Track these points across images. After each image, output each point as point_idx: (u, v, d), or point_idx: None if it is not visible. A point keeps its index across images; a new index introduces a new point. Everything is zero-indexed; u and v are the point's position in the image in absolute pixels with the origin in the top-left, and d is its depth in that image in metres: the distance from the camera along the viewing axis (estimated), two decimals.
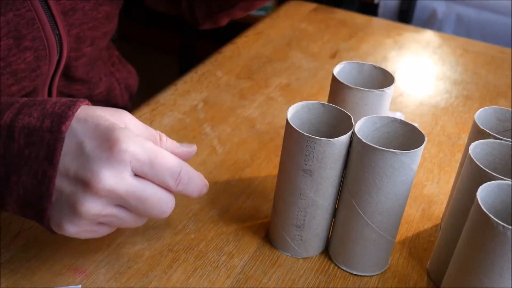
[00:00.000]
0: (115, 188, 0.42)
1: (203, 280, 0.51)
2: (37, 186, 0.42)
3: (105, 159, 0.41)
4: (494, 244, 0.41)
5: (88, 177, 0.41)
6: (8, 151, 0.42)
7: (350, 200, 0.50)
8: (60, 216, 0.43)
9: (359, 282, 0.53)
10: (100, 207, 0.43)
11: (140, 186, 0.43)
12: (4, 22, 0.53)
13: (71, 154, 0.42)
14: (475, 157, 0.49)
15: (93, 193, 0.42)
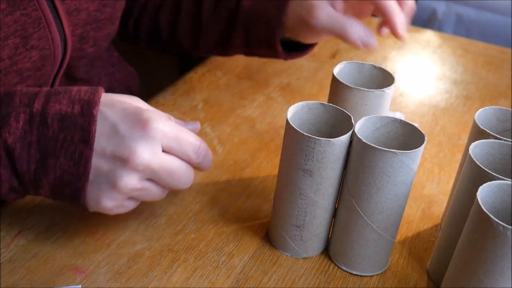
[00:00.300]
0: (151, 163, 0.46)
1: (203, 280, 0.51)
2: (74, 167, 0.46)
3: (139, 137, 0.46)
4: (494, 244, 0.41)
5: (126, 154, 0.46)
6: (43, 137, 0.45)
7: (350, 200, 0.50)
8: (98, 193, 0.47)
9: (359, 282, 0.53)
10: (137, 181, 0.47)
11: (169, 160, 0.48)
12: (11, 21, 0.53)
13: (105, 135, 0.46)
14: (475, 157, 0.49)
15: (131, 168, 0.46)
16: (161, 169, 0.48)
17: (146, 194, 0.49)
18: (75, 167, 0.46)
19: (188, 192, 0.61)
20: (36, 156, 0.46)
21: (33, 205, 0.57)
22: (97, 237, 0.54)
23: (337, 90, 0.57)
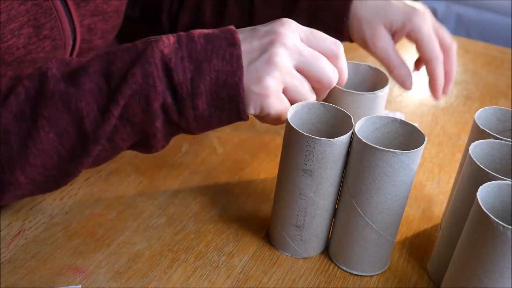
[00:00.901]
0: (296, 42, 0.50)
1: (203, 280, 0.51)
2: (228, 65, 0.48)
3: (280, 25, 0.51)
4: (494, 244, 0.41)
5: (273, 36, 0.50)
6: (193, 50, 0.48)
7: (350, 200, 0.50)
8: (257, 75, 0.49)
9: (359, 282, 0.53)
10: (288, 59, 0.50)
11: (312, 49, 0.51)
12: (24, 11, 0.55)
13: (248, 36, 0.50)
14: (475, 157, 0.49)
15: (281, 44, 0.49)
16: (307, 52, 0.50)
17: (298, 85, 0.51)
18: (229, 65, 0.48)
19: (188, 192, 0.61)
20: (190, 67, 0.48)
21: (33, 205, 0.57)
22: (97, 237, 0.54)
23: (329, 93, 0.57)
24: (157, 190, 0.61)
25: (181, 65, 0.48)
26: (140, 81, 0.47)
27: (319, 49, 0.52)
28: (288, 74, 0.50)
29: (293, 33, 0.50)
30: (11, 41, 0.54)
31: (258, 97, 0.49)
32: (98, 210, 0.58)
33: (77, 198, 0.59)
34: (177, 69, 0.47)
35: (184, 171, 0.65)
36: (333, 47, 0.52)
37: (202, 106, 0.49)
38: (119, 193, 0.60)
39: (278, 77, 0.49)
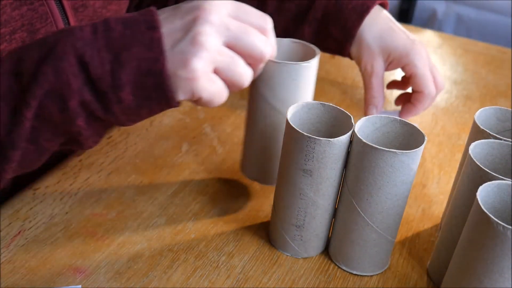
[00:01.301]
0: (222, 17, 0.46)
1: (203, 280, 0.51)
2: (149, 51, 0.44)
3: (203, 1, 0.46)
4: (494, 244, 0.41)
5: (196, 13, 0.45)
6: (110, 39, 0.44)
7: (350, 200, 0.50)
8: (182, 57, 0.44)
9: (359, 282, 0.53)
10: (214, 36, 0.45)
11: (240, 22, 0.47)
12: (19, 15, 0.54)
13: (170, 15, 0.46)
14: (475, 157, 0.49)
15: (205, 21, 0.45)
16: (235, 26, 0.46)
17: (230, 63, 0.46)
18: (149, 51, 0.44)
19: (188, 192, 0.61)
20: (108, 57, 0.44)
21: (33, 205, 0.57)
22: (97, 237, 0.54)
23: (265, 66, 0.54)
24: (157, 190, 0.61)
25: (98, 57, 0.44)
26: (53, 80, 0.43)
27: (248, 22, 0.48)
28: (217, 53, 0.45)
29: (218, 7, 0.46)
30: (2, 45, 0.53)
31: (186, 82, 0.45)
32: (98, 210, 0.58)
33: (77, 198, 0.59)
34: (93, 62, 0.44)
35: (184, 171, 0.65)
36: (261, 20, 0.48)
37: (128, 98, 0.45)
38: (119, 193, 0.60)
39: (206, 58, 0.45)
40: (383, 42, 0.70)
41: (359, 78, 0.91)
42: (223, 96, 0.47)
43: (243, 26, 0.47)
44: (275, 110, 0.55)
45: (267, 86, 0.54)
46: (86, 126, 0.46)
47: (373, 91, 0.72)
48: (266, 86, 0.54)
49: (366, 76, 0.72)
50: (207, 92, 0.46)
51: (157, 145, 0.69)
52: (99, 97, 0.45)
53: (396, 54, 0.70)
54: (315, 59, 0.55)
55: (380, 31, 0.71)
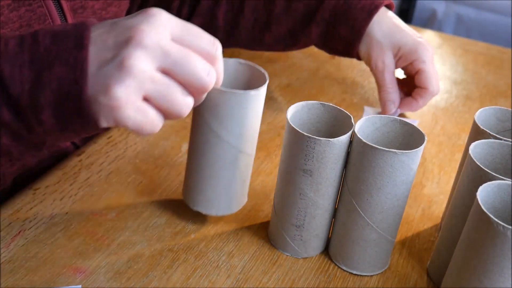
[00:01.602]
0: (159, 41, 0.41)
1: (203, 280, 0.51)
2: (71, 71, 0.40)
3: (143, 20, 0.41)
4: (494, 244, 0.41)
5: (129, 33, 0.40)
6: (35, 53, 0.41)
7: (350, 200, 0.50)
8: (105, 81, 0.40)
9: (359, 282, 0.53)
10: (146, 61, 0.40)
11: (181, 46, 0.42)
12: (17, 16, 0.54)
13: (105, 31, 0.41)
14: (475, 157, 0.49)
15: (138, 44, 0.40)
16: (173, 50, 0.41)
17: (165, 91, 0.42)
18: (71, 72, 0.40)
19: None
20: (29, 75, 0.40)
21: (33, 205, 0.57)
22: (97, 237, 0.54)
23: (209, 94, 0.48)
24: (157, 190, 0.61)
25: (19, 74, 0.40)
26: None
27: (194, 48, 0.43)
28: (148, 80, 0.41)
29: (158, 29, 0.41)
30: None
31: (107, 109, 0.40)
32: (98, 210, 0.58)
33: (77, 198, 0.59)
34: (13, 80, 0.40)
35: (184, 171, 0.65)
36: (209, 46, 0.44)
37: (48, 121, 0.41)
38: (119, 193, 0.60)
39: (132, 85, 0.40)
40: (392, 38, 0.71)
41: (359, 78, 0.91)
42: (156, 126, 0.43)
43: (185, 52, 0.42)
44: (222, 140, 0.50)
45: (213, 115, 0.49)
46: (15, 143, 0.43)
47: (388, 87, 0.72)
48: (212, 115, 0.49)
49: (378, 72, 0.72)
50: (132, 122, 0.41)
51: (157, 145, 0.69)
52: (19, 117, 0.41)
53: (406, 50, 0.71)
54: (264, 86, 0.50)
55: (389, 29, 0.72)
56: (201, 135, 0.51)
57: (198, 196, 0.54)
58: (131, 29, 0.41)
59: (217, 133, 0.49)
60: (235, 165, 0.52)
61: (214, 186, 0.53)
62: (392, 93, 0.73)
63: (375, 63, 0.72)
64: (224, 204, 0.55)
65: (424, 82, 0.71)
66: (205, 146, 0.51)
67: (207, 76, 0.43)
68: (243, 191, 0.56)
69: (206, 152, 0.51)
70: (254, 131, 0.52)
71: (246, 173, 0.54)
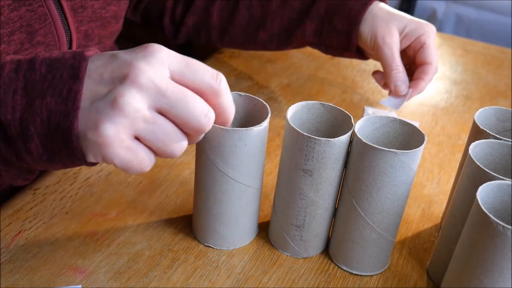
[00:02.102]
0: (155, 80, 0.40)
1: (203, 280, 0.51)
2: (62, 103, 0.39)
3: (141, 57, 0.40)
4: (494, 244, 0.41)
5: (126, 71, 0.40)
6: (30, 81, 0.40)
7: (350, 200, 0.50)
8: (96, 117, 0.39)
9: (359, 282, 0.53)
10: (140, 101, 0.39)
11: (179, 86, 0.41)
12: (17, 16, 0.54)
13: (102, 64, 0.41)
14: (475, 157, 0.49)
15: (133, 83, 0.39)
16: (170, 90, 0.40)
17: (158, 132, 0.41)
18: (63, 104, 0.39)
19: (188, 192, 0.61)
20: (21, 102, 0.40)
21: (33, 205, 0.57)
22: (97, 237, 0.54)
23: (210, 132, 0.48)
24: (157, 190, 0.61)
25: (11, 100, 0.40)
26: None
27: (194, 85, 0.42)
28: (140, 120, 0.40)
29: (155, 67, 0.40)
30: (1, 47, 0.53)
31: (95, 146, 0.40)
32: (98, 210, 0.58)
33: (77, 198, 0.59)
34: (5, 106, 0.40)
35: (184, 171, 0.65)
36: (212, 82, 0.42)
37: (37, 151, 0.41)
38: (119, 193, 0.60)
39: (122, 124, 0.39)
40: (396, 16, 0.71)
41: (359, 78, 0.91)
42: (145, 165, 0.41)
43: (182, 92, 0.41)
44: (228, 177, 0.50)
45: (216, 153, 0.48)
46: (6, 168, 0.43)
47: (398, 64, 0.70)
48: (215, 153, 0.48)
49: (387, 47, 0.69)
50: (119, 160, 0.40)
51: None
52: (9, 143, 0.41)
53: (412, 26, 0.71)
54: (266, 119, 0.49)
55: (392, 12, 0.72)
56: (206, 172, 0.50)
57: (208, 232, 0.54)
58: (129, 66, 0.40)
59: (223, 171, 0.49)
60: (243, 200, 0.52)
61: (223, 222, 0.53)
62: (402, 72, 0.70)
63: (383, 38, 0.69)
64: (235, 239, 0.55)
65: (428, 57, 0.70)
66: (212, 183, 0.51)
67: (204, 117, 0.41)
68: (253, 223, 0.55)
69: (212, 189, 0.51)
70: (259, 165, 0.51)
71: (255, 207, 0.54)
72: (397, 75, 0.69)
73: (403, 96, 0.70)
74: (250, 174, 0.51)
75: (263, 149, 0.51)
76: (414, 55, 0.72)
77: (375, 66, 0.95)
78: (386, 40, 0.69)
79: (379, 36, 0.70)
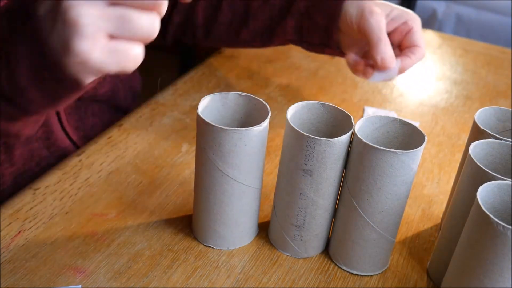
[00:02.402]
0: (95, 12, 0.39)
1: (203, 280, 0.51)
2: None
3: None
4: (494, 244, 0.41)
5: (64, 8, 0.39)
6: None
7: (351, 200, 0.50)
8: (62, 39, 0.39)
9: (359, 282, 0.53)
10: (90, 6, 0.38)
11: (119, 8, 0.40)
12: None
13: None
14: (475, 157, 0.49)
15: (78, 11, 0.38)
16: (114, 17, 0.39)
17: (126, 24, 0.40)
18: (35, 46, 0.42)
19: (188, 192, 0.61)
20: None
21: (33, 205, 0.57)
22: (97, 237, 0.54)
23: (208, 132, 0.48)
24: (157, 190, 0.61)
25: None
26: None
27: None
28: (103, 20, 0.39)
29: None
30: None
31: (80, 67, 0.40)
32: (98, 210, 0.58)
33: (77, 198, 0.59)
34: None
35: (184, 171, 0.65)
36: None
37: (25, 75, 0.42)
38: (119, 193, 0.60)
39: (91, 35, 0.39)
40: (382, 2, 0.70)
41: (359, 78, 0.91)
42: (136, 57, 0.41)
43: (122, 13, 0.40)
44: (228, 177, 0.50)
45: (216, 153, 0.48)
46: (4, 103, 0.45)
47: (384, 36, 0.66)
48: (215, 153, 0.49)
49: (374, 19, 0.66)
50: (110, 66, 0.40)
51: (157, 145, 0.69)
52: None
53: (398, 11, 0.70)
54: (266, 119, 0.49)
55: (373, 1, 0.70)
56: (206, 172, 0.51)
57: (208, 233, 0.54)
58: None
59: (223, 171, 0.49)
60: (243, 200, 0.52)
61: (223, 222, 0.53)
62: (390, 46, 0.66)
63: (370, 11, 0.66)
64: (235, 239, 0.55)
65: (416, 40, 0.69)
66: (212, 183, 0.51)
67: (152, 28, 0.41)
68: (253, 223, 0.55)
69: (212, 189, 0.51)
70: (259, 165, 0.51)
71: (255, 207, 0.54)
72: (385, 47, 0.66)
73: (391, 71, 0.67)
74: (250, 174, 0.51)
75: (263, 149, 0.51)
76: (401, 40, 0.71)
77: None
78: (374, 13, 0.66)
79: (367, 9, 0.67)
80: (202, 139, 0.48)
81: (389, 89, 0.89)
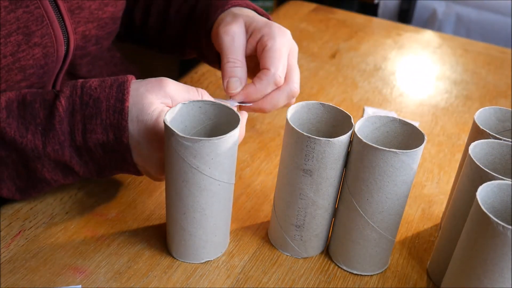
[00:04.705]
0: None
1: (203, 280, 0.51)
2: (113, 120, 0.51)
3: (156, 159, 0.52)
4: (494, 244, 0.41)
5: None
6: (93, 160, 0.53)
7: (351, 200, 0.50)
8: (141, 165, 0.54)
9: (359, 282, 0.53)
10: None
11: None
12: (14, 18, 0.54)
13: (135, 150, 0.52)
14: (475, 157, 0.49)
15: None
16: None
17: None
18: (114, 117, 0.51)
19: None
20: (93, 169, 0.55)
21: (33, 205, 0.57)
22: (97, 237, 0.54)
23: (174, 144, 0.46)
24: (157, 190, 0.61)
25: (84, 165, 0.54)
26: None
27: None
28: None
29: None
30: None
31: None
32: (98, 210, 0.58)
33: (77, 198, 0.59)
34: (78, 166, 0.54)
35: None
36: None
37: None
38: (119, 193, 0.60)
39: None
40: (249, 13, 0.63)
41: (359, 78, 0.91)
42: None
43: None
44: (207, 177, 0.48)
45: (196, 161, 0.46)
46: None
47: (234, 57, 0.58)
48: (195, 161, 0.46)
49: (226, 36, 0.59)
50: None
51: None
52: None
53: (259, 24, 0.60)
54: (237, 127, 0.47)
55: (247, 12, 0.64)
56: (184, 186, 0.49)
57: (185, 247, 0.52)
58: None
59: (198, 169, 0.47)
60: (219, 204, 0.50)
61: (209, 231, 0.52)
62: (239, 68, 0.58)
63: (225, 27, 0.59)
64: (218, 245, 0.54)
65: (267, 61, 0.57)
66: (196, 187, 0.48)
67: None
68: (226, 229, 0.54)
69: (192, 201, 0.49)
70: (231, 166, 0.49)
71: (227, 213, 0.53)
72: (232, 69, 0.58)
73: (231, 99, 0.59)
74: (226, 174, 0.49)
75: (235, 155, 0.49)
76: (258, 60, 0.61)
77: (375, 66, 0.95)
78: (228, 29, 0.59)
79: (222, 24, 0.60)
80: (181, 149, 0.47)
81: (389, 89, 0.89)
